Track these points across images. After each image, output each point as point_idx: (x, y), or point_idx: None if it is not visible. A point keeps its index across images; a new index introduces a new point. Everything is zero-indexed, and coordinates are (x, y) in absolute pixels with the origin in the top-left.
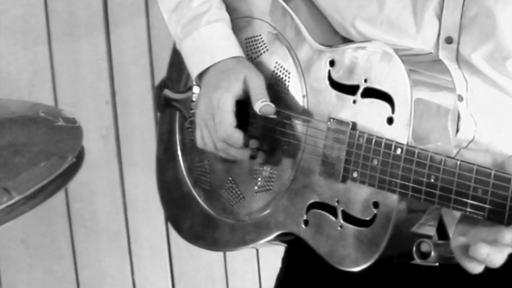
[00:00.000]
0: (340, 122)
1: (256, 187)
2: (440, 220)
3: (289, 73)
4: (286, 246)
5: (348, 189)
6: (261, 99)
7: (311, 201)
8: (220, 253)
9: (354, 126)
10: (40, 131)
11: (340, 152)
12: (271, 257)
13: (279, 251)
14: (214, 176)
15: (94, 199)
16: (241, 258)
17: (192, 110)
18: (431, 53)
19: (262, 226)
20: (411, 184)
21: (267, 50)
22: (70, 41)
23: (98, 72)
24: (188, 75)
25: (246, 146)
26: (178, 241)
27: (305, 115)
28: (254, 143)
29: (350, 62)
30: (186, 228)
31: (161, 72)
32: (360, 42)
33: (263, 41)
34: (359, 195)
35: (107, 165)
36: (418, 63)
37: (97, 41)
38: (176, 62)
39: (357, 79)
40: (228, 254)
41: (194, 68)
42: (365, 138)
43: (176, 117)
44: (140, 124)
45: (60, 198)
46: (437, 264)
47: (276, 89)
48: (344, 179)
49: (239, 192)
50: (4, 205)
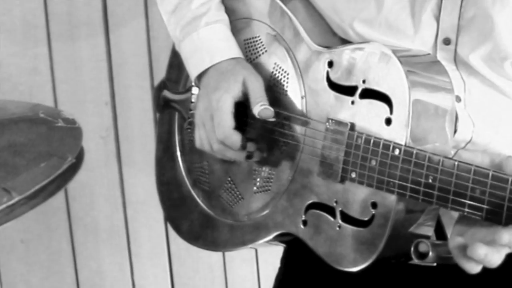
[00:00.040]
0: (339, 123)
1: (255, 188)
2: (438, 221)
3: (287, 74)
4: (285, 246)
5: (346, 189)
6: (260, 103)
7: (309, 201)
8: (219, 253)
9: (353, 127)
10: (40, 131)
11: (338, 152)
12: (270, 257)
13: (278, 251)
14: (213, 176)
15: (94, 200)
16: (240, 258)
17: (191, 111)
18: (429, 54)
19: (261, 226)
20: (409, 185)
21: (266, 51)
22: (70, 42)
23: (97, 73)
24: (187, 76)
25: (243, 148)
26: (177, 241)
27: (303, 116)
28: (251, 146)
29: (349, 63)
30: (185, 228)
31: (160, 73)
32: (358, 43)
33: (261, 42)
34: (357, 196)
35: (107, 165)
36: (416, 64)
37: (96, 42)
38: (175, 63)
39: (355, 80)
40: (227, 254)
41: (193, 69)
42: (363, 138)
43: (175, 118)
44: (140, 125)
45: (60, 198)
46: (435, 264)
47: (274, 90)
48: (343, 180)
49: (238, 192)
50: (4, 205)
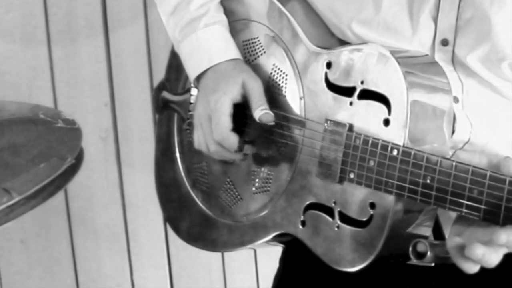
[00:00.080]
0: (337, 123)
1: (253, 188)
2: (436, 221)
3: (286, 75)
4: (283, 246)
5: (344, 190)
6: (260, 107)
7: (308, 202)
8: (218, 253)
9: (351, 128)
10: (39, 132)
11: (337, 153)
12: (268, 257)
13: (277, 251)
14: (212, 177)
15: (93, 200)
16: (239, 259)
17: (190, 112)
18: (427, 55)
19: (259, 226)
20: (407, 185)
21: (265, 53)
22: (70, 43)
23: (97, 74)
24: (186, 77)
25: (240, 150)
26: (176, 241)
27: (302, 117)
28: (248, 148)
29: (347, 64)
30: (184, 229)
31: (159, 74)
32: (357, 44)
33: (260, 43)
34: (355, 196)
35: (106, 166)
36: (414, 65)
37: (96, 43)
38: (174, 64)
39: (353, 81)
40: (226, 254)
41: (192, 70)
42: (361, 139)
43: (174, 119)
44: (139, 126)
45: (59, 198)
46: (433, 264)
47: (273, 91)
48: (341, 180)
49: (237, 193)
50: (4, 205)
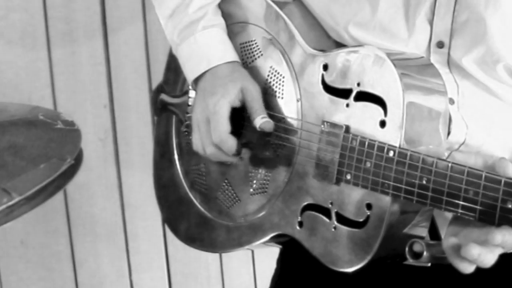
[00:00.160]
0: (334, 125)
1: (251, 190)
2: (432, 221)
3: (283, 77)
4: (281, 247)
5: (341, 191)
6: (261, 115)
7: (305, 203)
8: (216, 254)
9: (348, 129)
10: (39, 133)
11: (333, 154)
12: (266, 258)
13: (274, 252)
14: (210, 178)
15: (93, 201)
16: (237, 259)
17: (188, 114)
18: (422, 57)
19: (257, 227)
20: (403, 186)
21: (262, 55)
22: (69, 46)
23: (96, 76)
24: (184, 80)
25: (238, 154)
26: (175, 242)
27: (299, 119)
28: (246, 152)
29: (343, 66)
30: (183, 229)
31: (158, 77)
32: (353, 46)
33: (257, 46)
34: (352, 197)
35: (105, 167)
36: (410, 67)
37: (95, 46)
38: (173, 66)
39: (350, 83)
40: (224, 255)
41: (190, 73)
42: (358, 141)
43: (172, 121)
44: (138, 127)
45: (59, 199)
46: (429, 264)
47: (270, 93)
48: (338, 181)
49: (234, 194)
50: (4, 206)
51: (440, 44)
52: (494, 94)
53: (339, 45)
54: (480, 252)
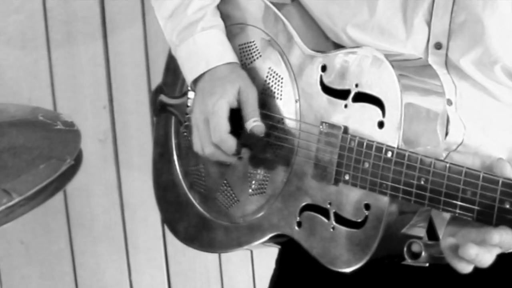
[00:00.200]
0: (332, 126)
1: (250, 190)
2: (430, 222)
3: (281, 78)
4: (279, 247)
5: (340, 191)
6: (253, 118)
7: (304, 203)
8: (215, 254)
9: (346, 130)
10: (39, 134)
11: (332, 155)
12: (265, 258)
13: (273, 252)
14: (209, 179)
15: (92, 201)
16: (236, 259)
17: (187, 115)
18: (420, 58)
19: (256, 228)
20: (401, 187)
21: (260, 56)
22: (69, 47)
23: (96, 78)
24: (183, 80)
25: (237, 153)
26: (174, 242)
27: (297, 120)
28: (245, 152)
29: (342, 67)
30: (182, 230)
31: (157, 78)
32: (351, 47)
33: (256, 47)
34: (351, 197)
35: (105, 167)
36: (408, 68)
37: (95, 47)
38: (172, 67)
39: (348, 84)
40: (223, 255)
41: (189, 74)
42: (356, 141)
43: (172, 121)
44: (137, 128)
45: (58, 199)
46: (427, 264)
47: (269, 94)
48: (336, 182)
49: (233, 195)
50: (3, 206)
51: (438, 45)
52: (491, 95)
53: (337, 46)
54: (478, 252)
